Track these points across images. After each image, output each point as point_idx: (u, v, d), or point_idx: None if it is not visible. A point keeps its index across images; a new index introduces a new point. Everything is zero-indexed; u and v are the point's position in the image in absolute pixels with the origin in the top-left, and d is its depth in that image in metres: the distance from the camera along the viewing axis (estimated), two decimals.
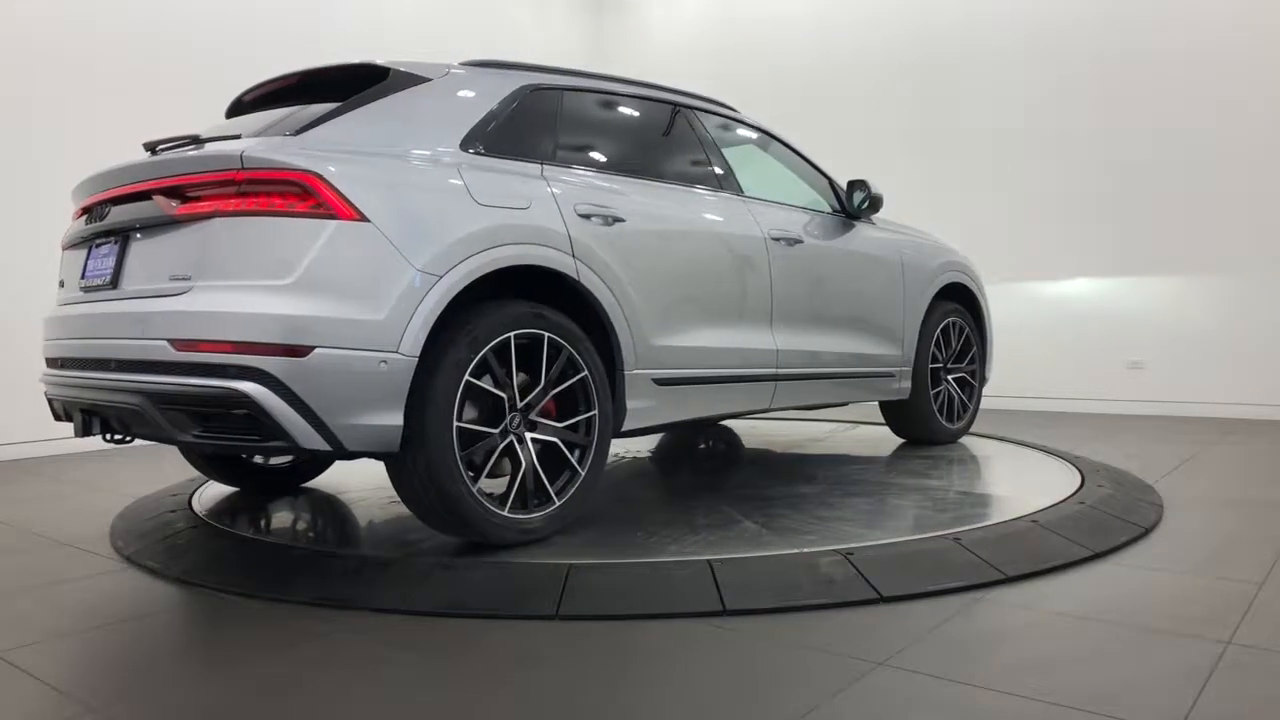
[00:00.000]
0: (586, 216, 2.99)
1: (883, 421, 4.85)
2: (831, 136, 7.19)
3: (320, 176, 2.49)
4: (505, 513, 2.74)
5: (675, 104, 3.74)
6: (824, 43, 7.99)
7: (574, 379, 2.91)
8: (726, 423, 5.69)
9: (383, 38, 7.28)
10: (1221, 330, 6.31)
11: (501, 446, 2.76)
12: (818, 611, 2.39)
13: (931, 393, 4.55)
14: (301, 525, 3.43)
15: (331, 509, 3.57)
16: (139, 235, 2.74)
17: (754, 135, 4.11)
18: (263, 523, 3.36)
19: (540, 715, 1.85)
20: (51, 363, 3.04)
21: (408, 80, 2.94)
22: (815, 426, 5.65)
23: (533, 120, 3.12)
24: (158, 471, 4.61)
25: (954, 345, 4.69)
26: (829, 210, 4.16)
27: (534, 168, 3.01)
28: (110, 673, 2.19)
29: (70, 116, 5.62)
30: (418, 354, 2.54)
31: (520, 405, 2.80)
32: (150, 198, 2.66)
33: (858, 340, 4.10)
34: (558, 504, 2.86)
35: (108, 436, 2.85)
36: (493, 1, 8.36)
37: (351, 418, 2.46)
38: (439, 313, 2.58)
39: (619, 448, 4.77)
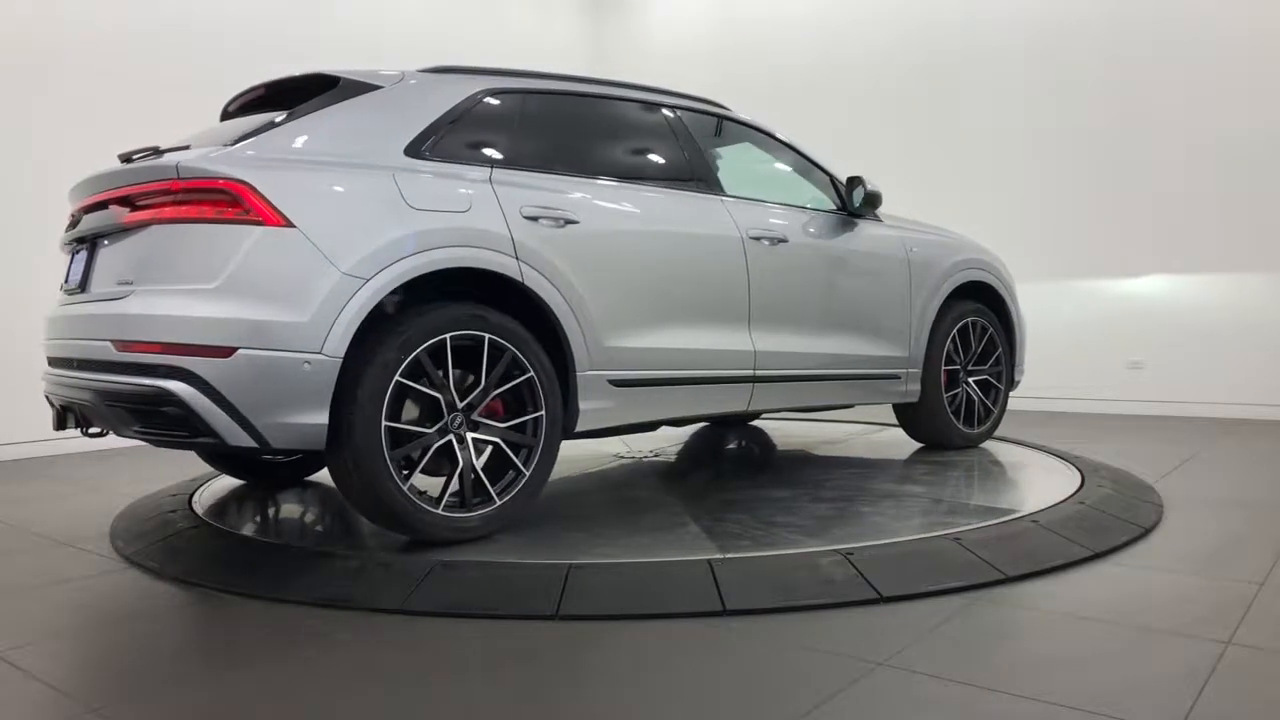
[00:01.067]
0: (534, 219, 3.00)
1: None
2: (833, 136, 7.18)
3: (248, 184, 2.59)
4: (439, 510, 2.79)
5: (652, 104, 3.70)
6: (825, 43, 7.99)
7: (519, 380, 2.95)
8: (757, 424, 5.64)
9: (383, 38, 7.28)
10: (1221, 330, 6.30)
11: (437, 446, 2.80)
12: (818, 611, 2.39)
13: (947, 395, 4.39)
14: (302, 524, 3.42)
15: (332, 507, 3.57)
16: (105, 242, 2.88)
17: (747, 133, 4.05)
18: (263, 522, 3.36)
19: (540, 715, 1.85)
20: (48, 361, 3.16)
21: (358, 88, 3.01)
22: (836, 428, 5.53)
23: (488, 124, 3.18)
24: (158, 471, 4.61)
25: (974, 346, 4.51)
26: (830, 208, 4.07)
27: (482, 171, 3.02)
28: (110, 673, 2.19)
29: (73, 119, 5.61)
30: (342, 355, 2.60)
31: (461, 405, 2.85)
32: (108, 207, 2.82)
33: (855, 341, 3.99)
34: (498, 503, 2.90)
35: (83, 431, 2.98)
36: (493, 2, 8.36)
37: (276, 416, 2.55)
38: (365, 315, 2.64)
39: (620, 447, 4.77)
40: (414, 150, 2.92)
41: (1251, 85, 6.15)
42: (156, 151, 2.88)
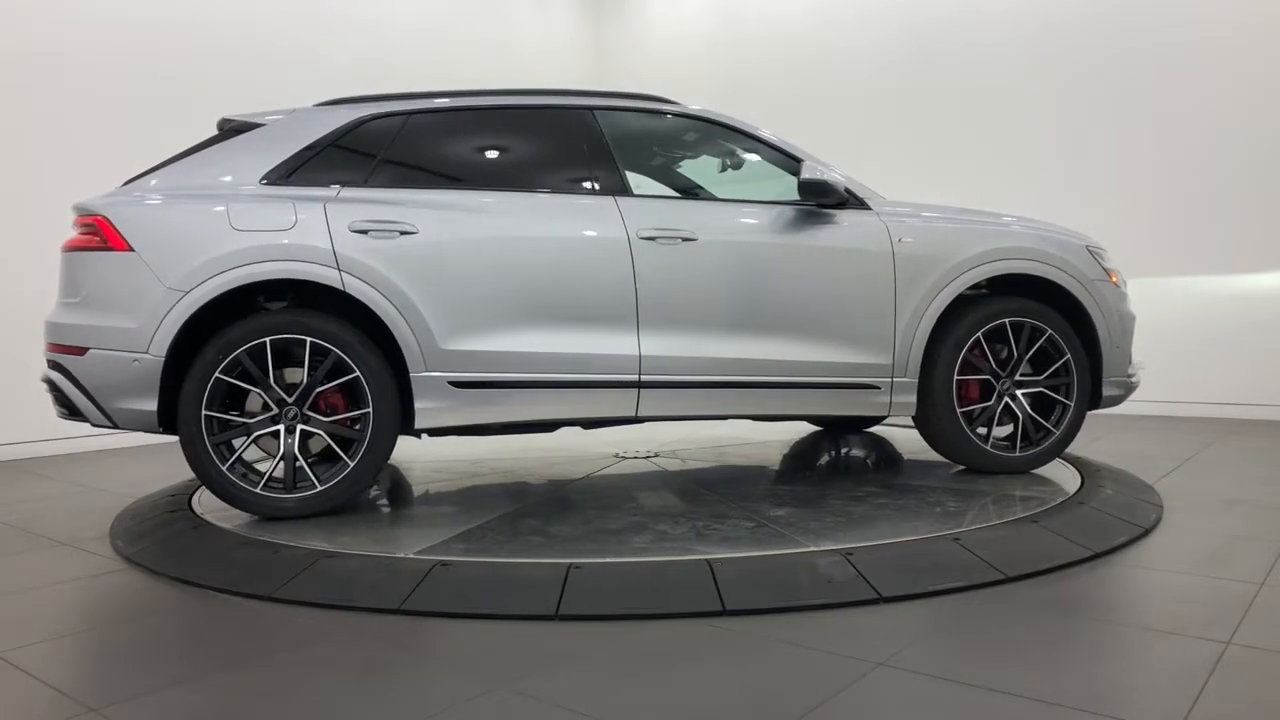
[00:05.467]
0: (362, 232, 3.27)
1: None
2: (834, 132, 7.19)
3: (105, 218, 3.23)
4: (258, 490, 3.23)
5: (553, 109, 3.70)
6: (826, 40, 7.99)
7: (348, 378, 3.26)
8: (877, 430, 5.27)
9: (383, 40, 7.27)
10: (1221, 330, 6.31)
11: (258, 434, 3.25)
12: (818, 611, 2.40)
13: (966, 409, 3.75)
14: (301, 525, 3.42)
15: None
16: None
17: (702, 127, 3.86)
18: (263, 522, 3.35)
19: (540, 715, 1.85)
20: None
21: (243, 127, 3.53)
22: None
23: (354, 149, 3.49)
24: (158, 471, 4.61)
25: (1019, 352, 3.77)
26: (791, 201, 3.67)
27: (327, 192, 3.35)
28: (110, 673, 2.19)
29: (81, 129, 5.61)
30: (163, 354, 3.14)
31: (292, 400, 3.24)
32: None
33: (802, 346, 3.57)
34: (318, 489, 3.26)
35: None
36: (493, 3, 8.36)
37: (118, 402, 3.18)
38: (184, 320, 3.15)
39: (618, 447, 4.77)
40: (271, 178, 3.38)
41: (1252, 86, 6.15)
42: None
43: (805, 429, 5.33)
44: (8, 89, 5.42)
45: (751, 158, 3.91)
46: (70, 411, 3.29)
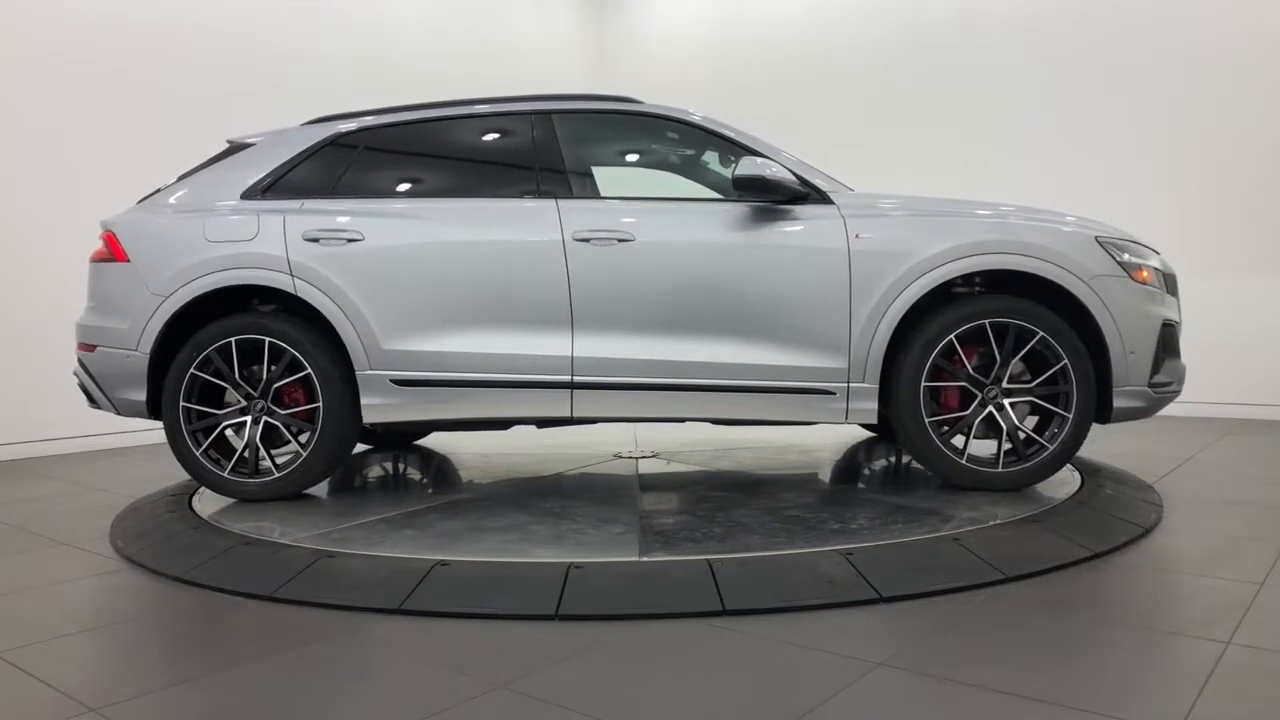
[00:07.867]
0: (314, 240, 3.54)
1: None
2: (834, 131, 7.19)
3: (112, 232, 3.71)
4: (225, 474, 3.57)
5: (510, 114, 3.78)
6: (826, 39, 7.98)
7: (302, 374, 3.55)
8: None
9: (384, 39, 7.27)
10: (1221, 330, 6.30)
11: (226, 424, 3.59)
12: (818, 611, 2.40)
13: (939, 418, 3.45)
14: (301, 525, 3.42)
15: (331, 508, 3.58)
16: None
17: (667, 125, 3.81)
18: (263, 522, 3.35)
19: (540, 715, 1.85)
20: None
21: (238, 148, 3.88)
22: None
23: (323, 164, 3.78)
24: (158, 471, 4.61)
25: (1002, 356, 3.41)
26: (746, 198, 3.49)
27: (292, 204, 3.64)
28: (110, 673, 2.19)
29: (80, 130, 5.61)
30: (149, 351, 3.57)
31: (256, 394, 3.56)
32: None
33: (745, 348, 3.42)
34: (275, 475, 3.58)
35: None
36: (494, 2, 8.36)
37: (119, 392, 3.65)
38: (165, 320, 3.56)
39: (619, 447, 4.77)
40: (250, 193, 3.71)
41: (1252, 88, 6.14)
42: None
43: (856, 434, 5.11)
44: (8, 89, 5.42)
45: (723, 153, 3.84)
46: (91, 401, 3.74)
